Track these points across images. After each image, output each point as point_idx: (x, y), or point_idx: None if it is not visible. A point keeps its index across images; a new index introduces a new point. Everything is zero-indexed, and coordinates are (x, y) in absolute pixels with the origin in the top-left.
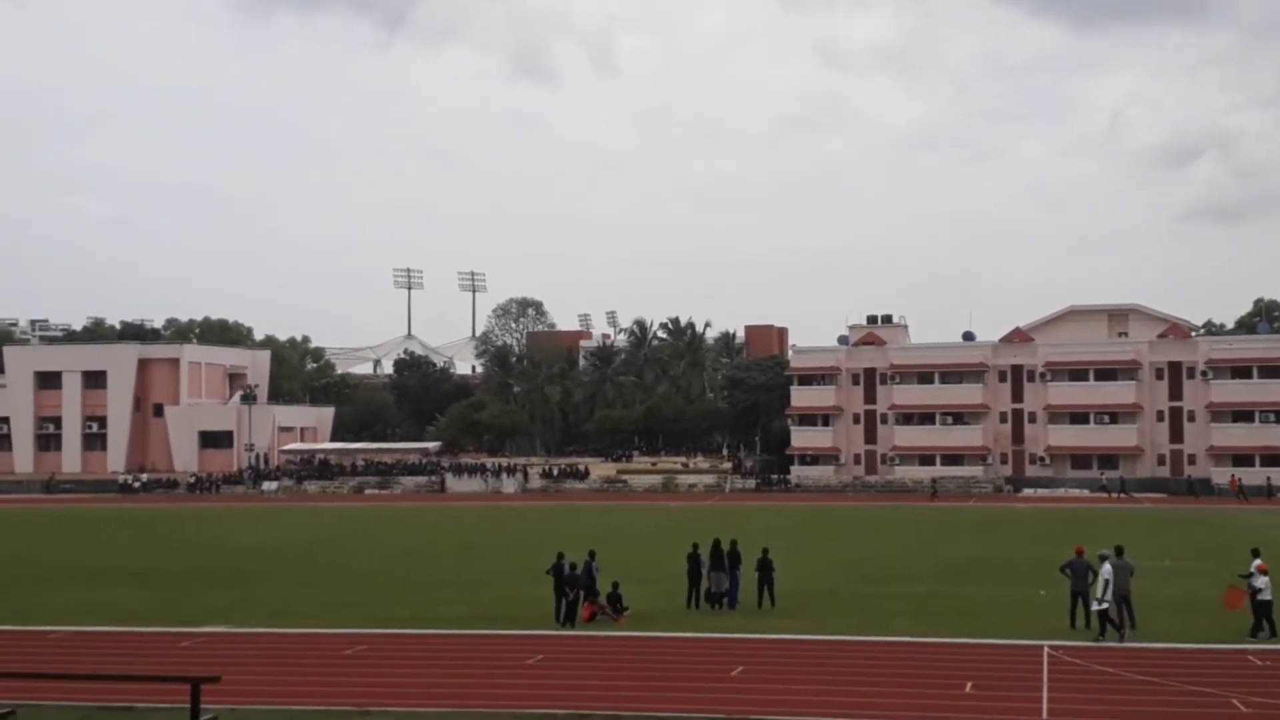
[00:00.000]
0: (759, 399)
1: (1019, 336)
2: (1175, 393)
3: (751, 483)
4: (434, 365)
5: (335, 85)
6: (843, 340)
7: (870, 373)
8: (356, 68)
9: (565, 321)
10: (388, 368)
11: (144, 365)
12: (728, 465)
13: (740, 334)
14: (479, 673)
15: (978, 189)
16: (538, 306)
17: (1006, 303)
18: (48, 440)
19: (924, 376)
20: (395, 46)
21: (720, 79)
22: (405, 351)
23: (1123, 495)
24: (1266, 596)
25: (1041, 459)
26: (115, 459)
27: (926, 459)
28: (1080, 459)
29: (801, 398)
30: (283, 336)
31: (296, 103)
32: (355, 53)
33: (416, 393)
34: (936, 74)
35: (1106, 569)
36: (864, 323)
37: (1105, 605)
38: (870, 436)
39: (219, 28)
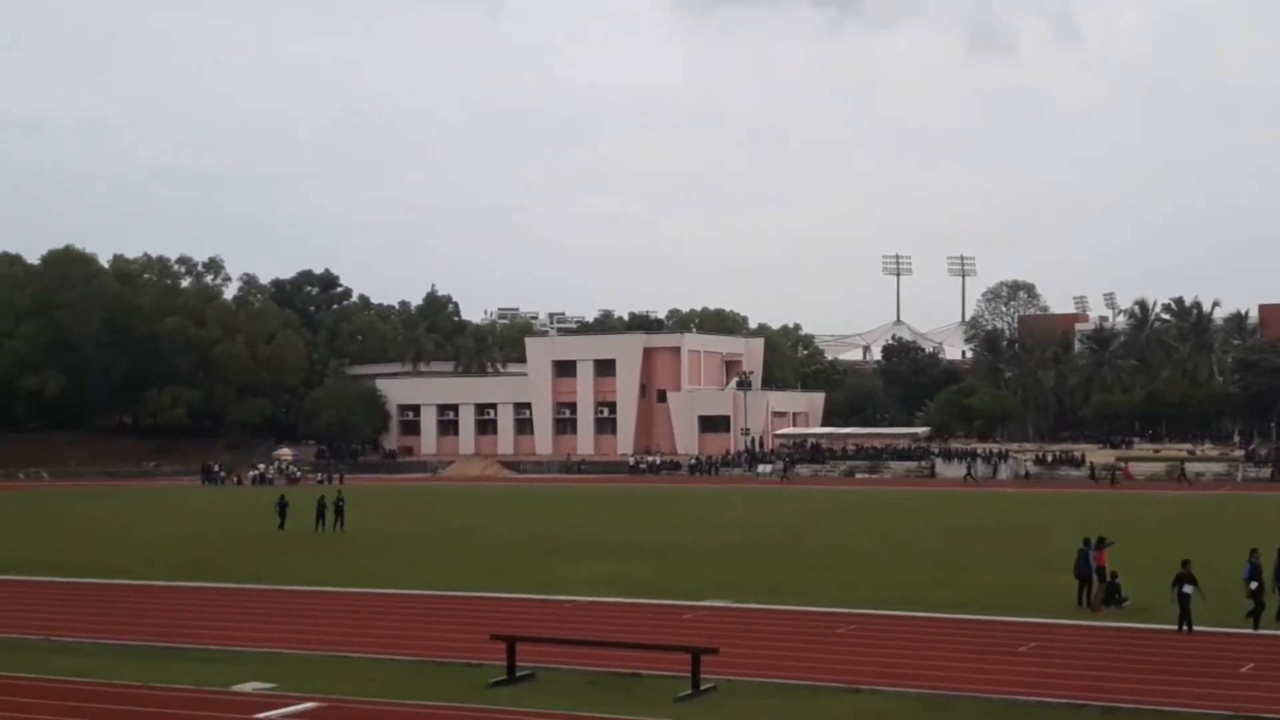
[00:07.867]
0: (1275, 382)
1: None
2: None
3: (1267, 471)
4: (923, 351)
5: (797, 74)
6: None
7: None
8: (812, 53)
9: (1059, 304)
10: (876, 354)
11: (649, 354)
12: (1239, 453)
13: (1254, 313)
14: (967, 657)
15: None
16: (1029, 289)
17: None
18: (564, 424)
19: None
20: (845, 31)
21: (1209, 38)
22: (894, 338)
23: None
24: None
25: None
26: (623, 441)
27: None
28: None
29: None
30: (775, 325)
31: (768, 97)
32: (807, 40)
33: (905, 378)
34: None
35: None
36: None
37: None
38: None
39: (665, 30)
